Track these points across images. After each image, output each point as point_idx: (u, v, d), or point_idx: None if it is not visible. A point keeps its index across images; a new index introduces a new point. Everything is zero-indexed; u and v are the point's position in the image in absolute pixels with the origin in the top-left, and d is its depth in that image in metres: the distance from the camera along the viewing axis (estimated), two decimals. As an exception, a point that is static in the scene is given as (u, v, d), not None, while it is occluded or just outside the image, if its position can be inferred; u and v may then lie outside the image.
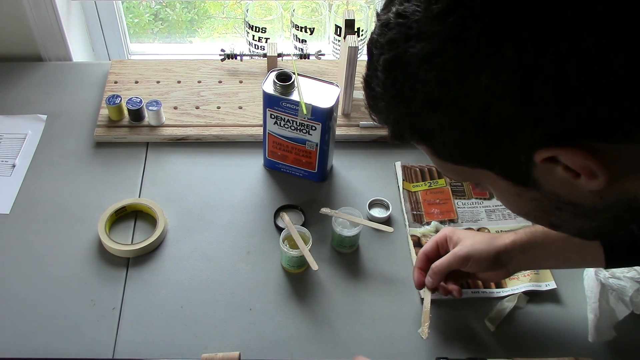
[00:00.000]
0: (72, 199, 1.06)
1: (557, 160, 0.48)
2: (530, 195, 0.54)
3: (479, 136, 0.49)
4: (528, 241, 0.84)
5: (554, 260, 0.86)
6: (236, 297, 0.94)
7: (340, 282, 0.97)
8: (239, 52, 1.26)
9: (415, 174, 1.12)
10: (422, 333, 0.88)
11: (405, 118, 0.52)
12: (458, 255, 0.87)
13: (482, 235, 0.89)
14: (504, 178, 0.53)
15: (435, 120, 0.50)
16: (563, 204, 0.54)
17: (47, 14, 1.23)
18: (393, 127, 0.54)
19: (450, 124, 0.49)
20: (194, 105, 1.20)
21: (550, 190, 0.52)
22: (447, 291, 0.91)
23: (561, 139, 0.46)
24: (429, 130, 0.51)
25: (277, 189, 1.09)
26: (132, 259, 0.98)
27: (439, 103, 0.48)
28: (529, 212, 0.58)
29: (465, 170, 0.55)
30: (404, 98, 0.50)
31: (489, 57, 0.44)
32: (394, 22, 0.49)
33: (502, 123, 0.47)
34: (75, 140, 1.15)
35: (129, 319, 0.91)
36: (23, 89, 1.24)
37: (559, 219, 0.57)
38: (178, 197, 1.07)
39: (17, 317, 0.91)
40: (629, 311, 0.87)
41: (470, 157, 0.52)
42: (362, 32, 1.28)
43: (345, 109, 1.18)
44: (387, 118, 0.54)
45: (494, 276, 0.90)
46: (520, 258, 0.85)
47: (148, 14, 1.63)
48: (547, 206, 0.55)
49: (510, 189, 0.55)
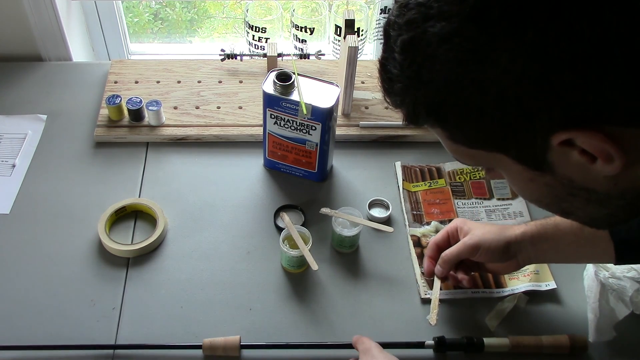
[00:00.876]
0: (72, 199, 1.06)
1: (573, 143, 0.48)
2: (544, 180, 0.54)
3: (496, 118, 0.49)
4: (538, 233, 0.84)
5: (564, 253, 0.85)
6: (236, 297, 0.94)
7: (340, 282, 0.97)
8: (239, 52, 1.26)
9: (415, 174, 1.12)
10: (431, 319, 0.89)
11: (421, 100, 0.51)
12: (468, 244, 0.87)
13: (492, 226, 0.89)
14: (518, 162, 0.53)
15: (452, 102, 0.49)
16: (576, 189, 0.54)
17: (47, 14, 1.23)
18: (408, 110, 0.54)
19: (468, 105, 0.49)
20: (194, 105, 1.20)
21: (565, 175, 0.52)
22: (456, 281, 0.91)
23: (579, 122, 0.46)
24: (445, 113, 0.51)
25: (277, 189, 1.09)
26: (132, 259, 0.98)
27: (457, 84, 0.48)
28: (541, 198, 0.58)
29: (479, 154, 0.54)
30: (421, 79, 0.50)
31: (510, 38, 0.44)
32: (413, 3, 0.49)
33: (520, 105, 0.47)
34: (75, 140, 1.15)
35: (129, 319, 0.91)
36: (23, 89, 1.24)
37: (572, 205, 0.57)
38: (178, 197, 1.07)
39: (17, 316, 0.91)
40: (629, 311, 0.87)
41: (485, 140, 0.52)
42: (362, 32, 1.28)
43: (345, 109, 1.18)
44: (402, 101, 0.53)
45: (503, 268, 0.89)
46: (530, 249, 0.85)
47: (148, 14, 1.63)
48: (560, 192, 0.55)
49: (524, 173, 0.54)
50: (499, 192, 1.09)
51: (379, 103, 1.22)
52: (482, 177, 1.11)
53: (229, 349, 0.86)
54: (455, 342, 0.88)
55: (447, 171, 1.12)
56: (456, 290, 0.96)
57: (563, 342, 0.88)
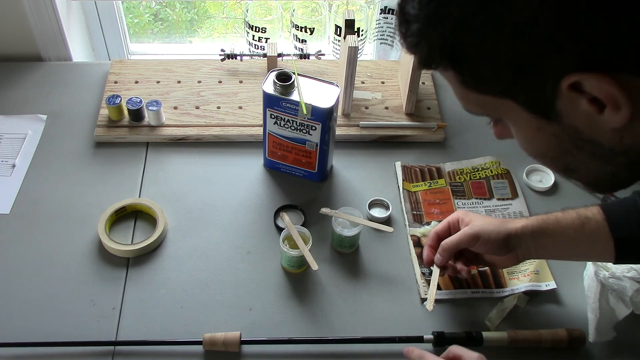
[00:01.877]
0: (72, 199, 1.06)
1: (582, 89, 0.48)
2: (551, 129, 0.54)
3: (510, 59, 0.49)
4: (539, 227, 0.84)
5: (564, 249, 0.85)
6: (236, 297, 0.94)
7: (340, 282, 0.97)
8: (239, 52, 1.26)
9: (415, 174, 1.12)
10: (428, 306, 0.88)
11: (437, 40, 0.52)
12: (468, 234, 0.87)
13: (493, 219, 0.89)
14: (527, 110, 0.53)
15: (468, 41, 0.50)
16: (582, 141, 0.54)
17: (47, 14, 1.23)
18: (423, 52, 0.54)
19: (483, 45, 0.50)
20: (194, 105, 1.20)
21: (572, 125, 0.53)
22: (455, 271, 0.91)
23: (591, 65, 0.47)
24: (460, 53, 0.52)
25: (277, 189, 1.09)
26: (132, 259, 0.98)
27: (474, 22, 0.49)
28: (547, 151, 0.58)
29: (488, 100, 0.55)
30: (439, 17, 0.51)
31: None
32: None
33: (534, 45, 0.47)
34: (75, 140, 1.15)
35: (129, 319, 0.91)
36: (23, 89, 1.24)
37: (576, 159, 0.57)
38: (178, 197, 1.07)
39: (17, 316, 0.91)
40: (629, 311, 0.87)
41: (497, 84, 0.53)
42: (362, 32, 1.28)
43: (345, 109, 1.18)
44: (418, 42, 0.54)
45: (502, 261, 0.89)
46: (530, 243, 0.85)
47: (148, 14, 1.63)
48: (567, 143, 0.55)
49: (532, 122, 0.55)
50: (499, 192, 1.09)
51: (379, 103, 1.22)
52: (482, 177, 1.12)
53: (229, 344, 0.87)
54: (454, 336, 0.88)
55: (447, 171, 1.12)
56: (456, 290, 0.96)
57: (561, 336, 0.89)
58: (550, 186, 1.10)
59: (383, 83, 1.26)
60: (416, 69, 1.12)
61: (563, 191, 1.11)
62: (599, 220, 0.81)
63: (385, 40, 1.35)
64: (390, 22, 1.32)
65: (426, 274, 0.97)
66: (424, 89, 1.25)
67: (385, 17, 1.31)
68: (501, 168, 1.13)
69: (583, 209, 0.83)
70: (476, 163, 1.14)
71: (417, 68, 0.58)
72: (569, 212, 0.84)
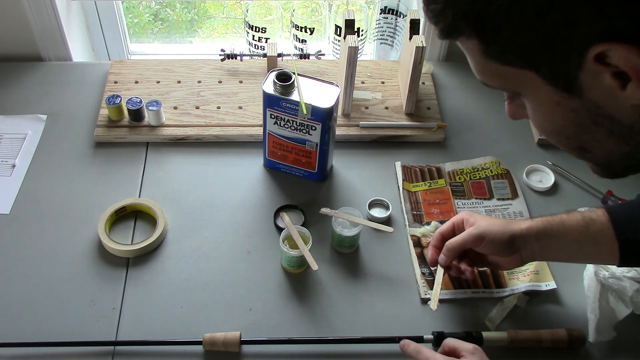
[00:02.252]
0: (72, 199, 1.06)
1: (607, 63, 0.48)
2: (571, 104, 0.54)
3: (537, 27, 0.49)
4: (544, 229, 0.84)
5: (568, 251, 0.85)
6: (236, 297, 0.94)
7: (340, 282, 0.97)
8: (239, 52, 1.26)
9: (415, 174, 1.12)
10: (432, 305, 0.88)
11: (463, 6, 0.51)
12: (473, 234, 0.87)
13: (497, 220, 0.89)
14: (548, 82, 0.53)
15: (495, 8, 0.49)
16: (602, 117, 0.54)
17: (47, 14, 1.23)
18: (447, 19, 0.53)
19: (510, 12, 0.49)
20: (194, 105, 1.20)
21: (593, 100, 0.52)
22: (459, 271, 0.91)
23: (619, 36, 0.46)
24: (485, 20, 0.51)
25: (277, 189, 1.09)
26: (132, 259, 0.98)
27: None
28: (563, 128, 0.57)
29: (509, 72, 0.54)
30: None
31: None
32: None
33: (563, 12, 0.47)
34: (75, 140, 1.15)
35: (129, 319, 0.91)
36: (23, 89, 1.24)
37: (592, 137, 0.56)
38: (178, 197, 1.07)
39: (17, 316, 0.91)
40: (629, 311, 0.87)
41: (521, 54, 0.52)
42: (362, 32, 1.28)
43: (345, 109, 1.18)
44: (442, 10, 0.53)
45: (506, 262, 0.89)
46: (534, 245, 0.85)
47: (148, 14, 1.63)
48: (585, 119, 0.55)
49: (552, 96, 0.54)
50: (499, 192, 1.09)
51: (379, 103, 1.22)
52: (482, 178, 1.12)
53: (229, 344, 0.87)
54: (454, 336, 0.88)
55: (447, 171, 1.12)
56: (456, 290, 0.96)
57: (561, 336, 0.89)
58: (550, 186, 1.10)
59: (383, 83, 1.26)
60: (416, 69, 1.12)
61: (563, 191, 1.11)
62: (604, 222, 0.81)
63: (385, 40, 1.35)
64: (390, 22, 1.32)
65: (426, 274, 0.97)
66: (424, 89, 1.25)
67: (385, 17, 1.31)
68: (501, 168, 1.13)
69: (588, 211, 0.83)
70: (476, 163, 1.14)
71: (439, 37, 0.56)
72: (573, 213, 0.84)
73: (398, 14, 1.30)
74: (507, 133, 1.20)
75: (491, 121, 1.22)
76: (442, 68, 1.32)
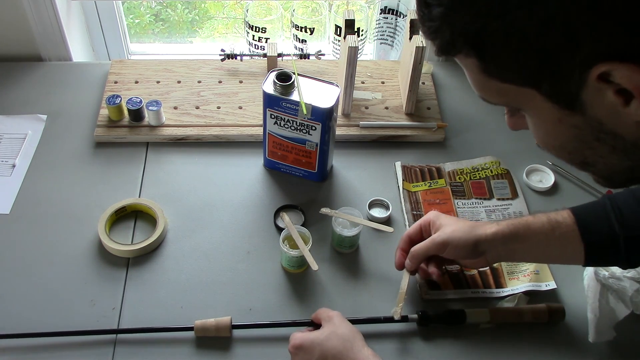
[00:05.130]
0: (72, 199, 1.06)
1: (610, 81, 0.47)
2: (573, 121, 0.53)
3: (538, 47, 0.48)
4: (510, 233, 0.84)
5: (534, 253, 0.86)
6: (236, 297, 0.94)
7: (340, 282, 0.97)
8: (239, 52, 1.26)
9: (415, 174, 1.12)
10: (395, 313, 0.89)
11: (460, 25, 0.50)
12: (436, 242, 0.87)
13: (464, 223, 0.88)
14: (549, 100, 0.52)
15: (494, 28, 0.48)
16: (604, 133, 0.53)
17: (47, 14, 1.23)
18: (444, 38, 0.52)
19: (510, 31, 0.48)
20: (194, 105, 1.20)
21: (595, 117, 0.51)
22: (426, 274, 0.92)
23: (622, 55, 0.46)
24: (485, 39, 0.50)
25: (277, 189, 1.09)
26: (132, 259, 0.98)
27: (502, 7, 0.47)
28: (566, 143, 0.57)
29: (509, 90, 0.53)
30: (463, 2, 0.49)
31: None
32: None
33: (566, 32, 0.46)
34: (75, 140, 1.15)
35: (129, 320, 0.91)
36: (23, 89, 1.24)
37: (595, 153, 0.56)
38: (178, 197, 1.07)
39: (17, 316, 0.91)
40: (629, 311, 0.87)
41: (521, 73, 0.51)
42: (362, 32, 1.28)
43: (345, 109, 1.18)
44: (439, 27, 0.52)
45: (472, 263, 0.89)
46: (500, 249, 0.85)
47: (149, 15, 1.63)
48: (587, 136, 0.54)
49: (554, 113, 0.53)
50: (499, 192, 1.09)
51: (379, 103, 1.22)
52: (482, 178, 1.12)
53: (220, 329, 0.88)
54: (438, 314, 0.91)
55: (447, 171, 1.12)
56: (456, 290, 0.96)
57: (541, 310, 0.91)
58: (550, 186, 1.10)
59: (383, 83, 1.26)
60: (416, 69, 1.12)
61: (563, 191, 1.11)
62: (570, 224, 0.81)
63: (385, 40, 1.35)
64: (390, 22, 1.32)
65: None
66: (424, 89, 1.25)
67: (385, 17, 1.31)
68: (501, 168, 1.13)
69: (554, 213, 0.83)
70: (476, 163, 1.14)
71: (435, 54, 0.55)
72: (539, 216, 0.84)
73: (398, 14, 1.30)
74: (507, 133, 1.19)
75: (491, 121, 1.22)
76: (442, 68, 1.32)
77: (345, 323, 0.83)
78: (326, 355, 0.79)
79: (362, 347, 0.79)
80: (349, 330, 0.82)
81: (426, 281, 0.96)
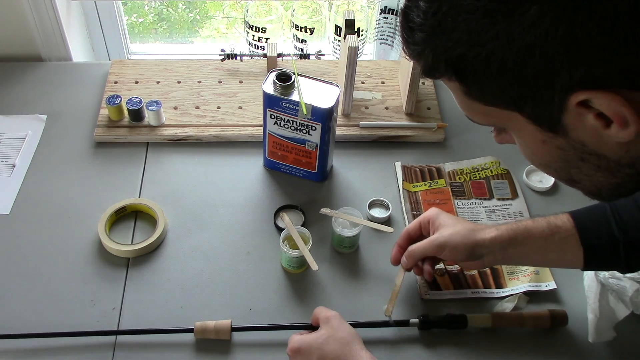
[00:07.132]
0: (72, 199, 1.06)
1: (590, 106, 0.48)
2: (557, 142, 0.54)
3: (517, 74, 0.48)
4: (509, 238, 0.84)
5: (533, 258, 0.86)
6: (236, 297, 0.94)
7: (340, 282, 0.97)
8: (239, 52, 1.26)
9: (415, 174, 1.12)
10: (386, 311, 0.89)
11: (442, 51, 0.51)
12: (434, 244, 0.87)
13: (463, 225, 0.87)
14: (532, 122, 0.53)
15: (474, 55, 0.49)
16: (588, 154, 0.53)
17: (47, 14, 1.23)
18: (427, 62, 0.53)
19: (490, 59, 0.48)
20: (194, 105, 1.20)
21: (578, 139, 0.52)
22: (421, 271, 0.92)
23: (600, 84, 0.46)
24: (465, 65, 0.50)
25: (277, 189, 1.09)
26: (132, 259, 0.98)
27: (482, 36, 0.48)
28: (551, 162, 0.58)
29: (493, 112, 0.54)
30: (444, 29, 0.49)
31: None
32: None
33: (543, 62, 0.47)
34: (75, 140, 1.15)
35: (129, 320, 0.91)
36: (23, 89, 1.24)
37: (580, 171, 0.56)
38: (178, 197, 1.07)
39: (17, 316, 0.91)
40: (629, 311, 0.87)
41: (503, 97, 0.52)
42: (362, 32, 1.28)
43: (345, 109, 1.18)
44: (422, 51, 0.53)
45: (468, 265, 0.89)
46: (497, 253, 0.85)
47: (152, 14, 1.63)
48: (572, 156, 0.55)
49: (537, 135, 0.54)
50: (499, 192, 1.09)
51: (379, 103, 1.22)
52: (482, 178, 1.12)
53: (220, 332, 0.88)
54: (439, 319, 0.90)
55: (447, 171, 1.12)
56: (456, 291, 0.96)
57: (544, 316, 0.90)
58: (550, 186, 1.10)
59: (383, 83, 1.26)
60: (416, 69, 1.12)
61: (563, 191, 1.11)
62: (569, 228, 0.81)
63: (385, 40, 1.35)
64: (390, 22, 1.32)
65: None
66: (424, 89, 1.25)
67: (385, 17, 1.31)
68: (501, 168, 1.13)
69: (553, 217, 0.83)
70: (476, 163, 1.14)
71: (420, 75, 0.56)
72: (538, 220, 0.84)
73: (398, 14, 1.30)
74: (507, 133, 1.20)
75: (491, 121, 1.22)
76: (442, 68, 1.31)
77: (343, 325, 0.83)
78: (324, 359, 0.79)
79: (360, 350, 0.79)
80: (347, 333, 0.82)
81: (426, 281, 0.96)
